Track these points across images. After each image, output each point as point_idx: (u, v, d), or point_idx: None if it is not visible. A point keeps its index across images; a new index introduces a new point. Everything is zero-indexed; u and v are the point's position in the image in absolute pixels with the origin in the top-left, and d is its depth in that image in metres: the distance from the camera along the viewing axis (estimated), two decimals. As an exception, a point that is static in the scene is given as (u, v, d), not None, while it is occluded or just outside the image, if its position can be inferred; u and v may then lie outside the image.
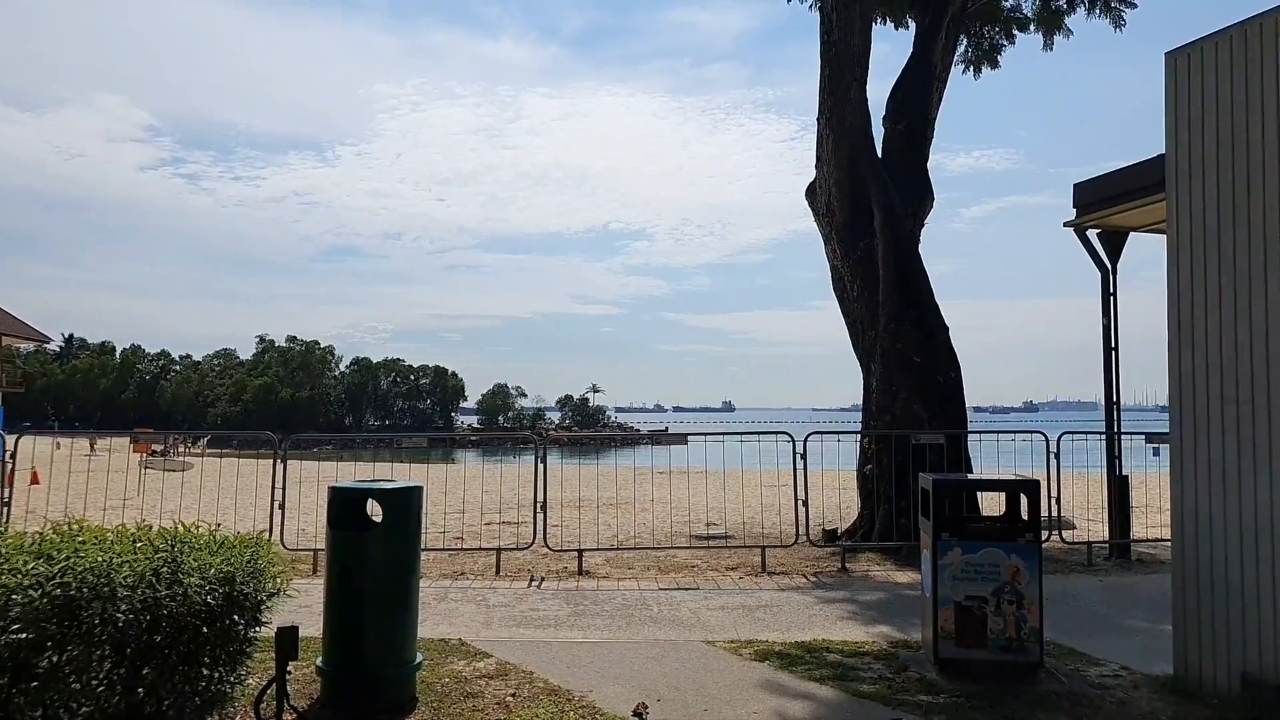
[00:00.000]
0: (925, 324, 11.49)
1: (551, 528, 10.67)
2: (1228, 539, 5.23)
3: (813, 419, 20.59)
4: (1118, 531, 10.46)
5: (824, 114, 11.89)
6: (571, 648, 6.45)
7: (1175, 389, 5.63)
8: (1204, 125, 5.41)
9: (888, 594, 8.48)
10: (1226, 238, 5.27)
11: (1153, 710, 5.17)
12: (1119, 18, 13.60)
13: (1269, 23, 5.01)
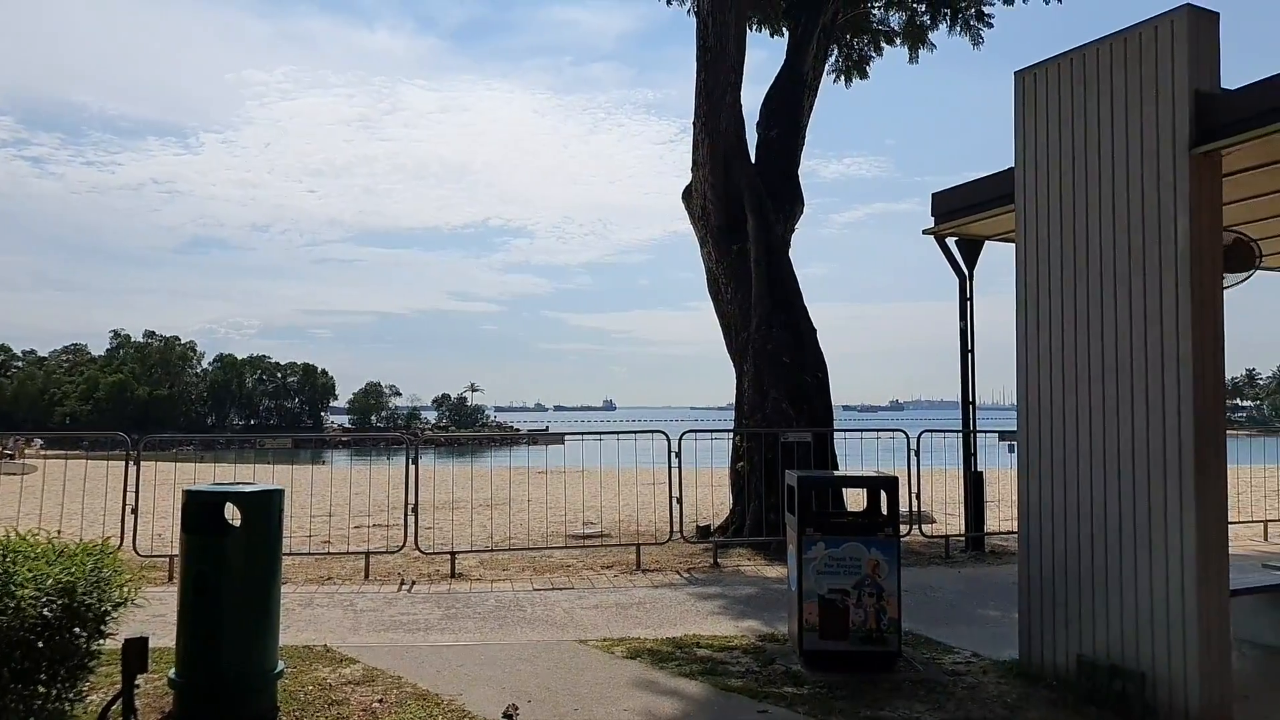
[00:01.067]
0: (795, 326, 11.82)
1: (424, 530, 10.48)
2: (1066, 531, 5.58)
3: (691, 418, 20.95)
4: (973, 525, 11.00)
5: (700, 118, 12.07)
6: (442, 651, 6.35)
7: (1022, 389, 5.96)
8: (1048, 140, 5.75)
9: (757, 588, 8.68)
10: (1068, 246, 5.61)
11: (999, 694, 5.47)
12: (978, 35, 14.33)
13: (1105, 48, 5.36)
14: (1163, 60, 5.02)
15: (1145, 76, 5.12)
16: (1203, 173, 4.95)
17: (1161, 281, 5.03)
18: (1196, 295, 4.91)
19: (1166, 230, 5.01)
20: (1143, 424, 5.13)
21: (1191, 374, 4.90)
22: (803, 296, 12.16)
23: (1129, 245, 5.22)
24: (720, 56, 11.85)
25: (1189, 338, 4.90)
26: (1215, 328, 5.01)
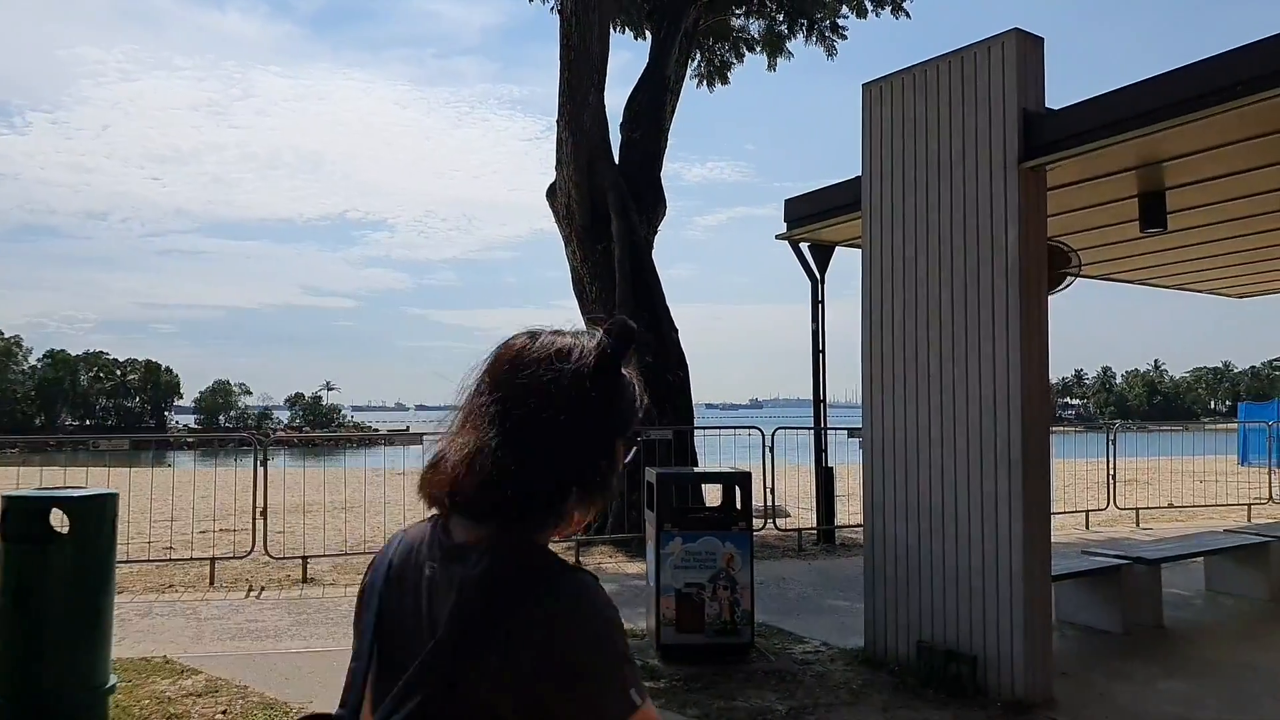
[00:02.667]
0: (658, 326, 11.98)
1: (275, 534, 10.08)
2: (908, 524, 5.88)
3: (554, 417, 21.12)
4: (824, 519, 11.42)
5: (563, 117, 12.07)
6: (292, 658, 6.14)
7: (866, 389, 6.25)
8: (891, 151, 6.04)
9: (619, 585, 8.76)
10: (909, 253, 5.91)
11: (846, 680, 5.71)
12: (832, 46, 14.88)
13: (943, 65, 5.68)
14: (994, 79, 5.35)
15: (979, 94, 5.45)
16: (1029, 186, 5.31)
17: (993, 288, 5.37)
18: (1024, 302, 5.25)
19: (998, 240, 5.35)
20: (976, 423, 5.46)
21: (1019, 377, 5.24)
22: (665, 297, 12.34)
23: (964, 253, 5.55)
24: (583, 56, 11.89)
25: (1017, 343, 5.25)
26: (1040, 332, 5.38)
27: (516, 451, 1.15)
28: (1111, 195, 6.53)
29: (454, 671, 1.07)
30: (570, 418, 1.17)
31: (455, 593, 1.13)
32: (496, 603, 1.09)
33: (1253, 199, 6.74)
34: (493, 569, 1.12)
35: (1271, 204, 6.94)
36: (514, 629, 1.07)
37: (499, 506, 1.15)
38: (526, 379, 1.19)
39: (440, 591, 1.15)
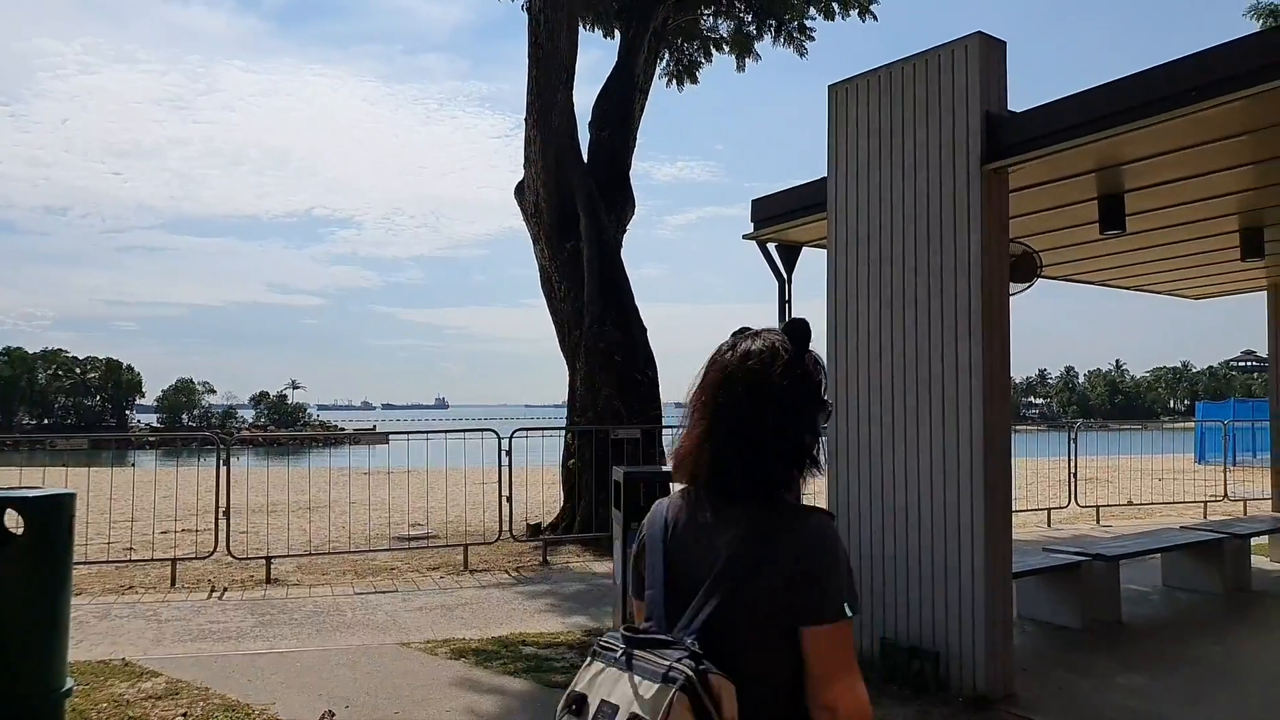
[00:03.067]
0: (627, 325, 11.99)
1: (238, 535, 9.99)
2: (872, 523, 5.93)
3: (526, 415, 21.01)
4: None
5: (532, 115, 12.05)
6: (255, 659, 6.08)
7: (833, 387, 6.29)
8: (857, 152, 6.09)
9: (586, 585, 8.76)
10: (873, 254, 5.96)
11: (811, 676, 5.74)
12: (801, 47, 14.97)
13: (908, 67, 5.73)
14: (958, 82, 5.41)
15: (943, 96, 5.51)
16: (992, 188, 5.37)
17: (956, 288, 5.43)
18: (985, 302, 5.32)
19: (960, 241, 5.41)
20: (939, 423, 5.52)
21: (981, 378, 5.31)
22: (634, 296, 12.36)
23: (927, 254, 5.60)
24: (552, 54, 11.87)
25: (979, 343, 5.31)
26: (1002, 334, 5.45)
27: (743, 448, 1.63)
28: (1072, 197, 6.62)
29: (740, 580, 1.57)
30: (776, 410, 1.64)
31: (734, 531, 1.60)
32: (766, 535, 1.59)
33: (1208, 202, 6.87)
34: (760, 514, 1.61)
35: (1226, 207, 7.08)
36: (778, 550, 1.58)
37: (738, 484, 1.64)
38: (738, 385, 1.66)
39: (719, 533, 1.62)
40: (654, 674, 1.49)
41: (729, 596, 1.56)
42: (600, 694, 1.55)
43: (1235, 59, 4.58)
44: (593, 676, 1.60)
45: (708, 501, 1.67)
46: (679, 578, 1.65)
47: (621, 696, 1.51)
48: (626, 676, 1.53)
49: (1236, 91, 4.47)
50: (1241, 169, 6.13)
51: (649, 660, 1.52)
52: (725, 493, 1.65)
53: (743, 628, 1.57)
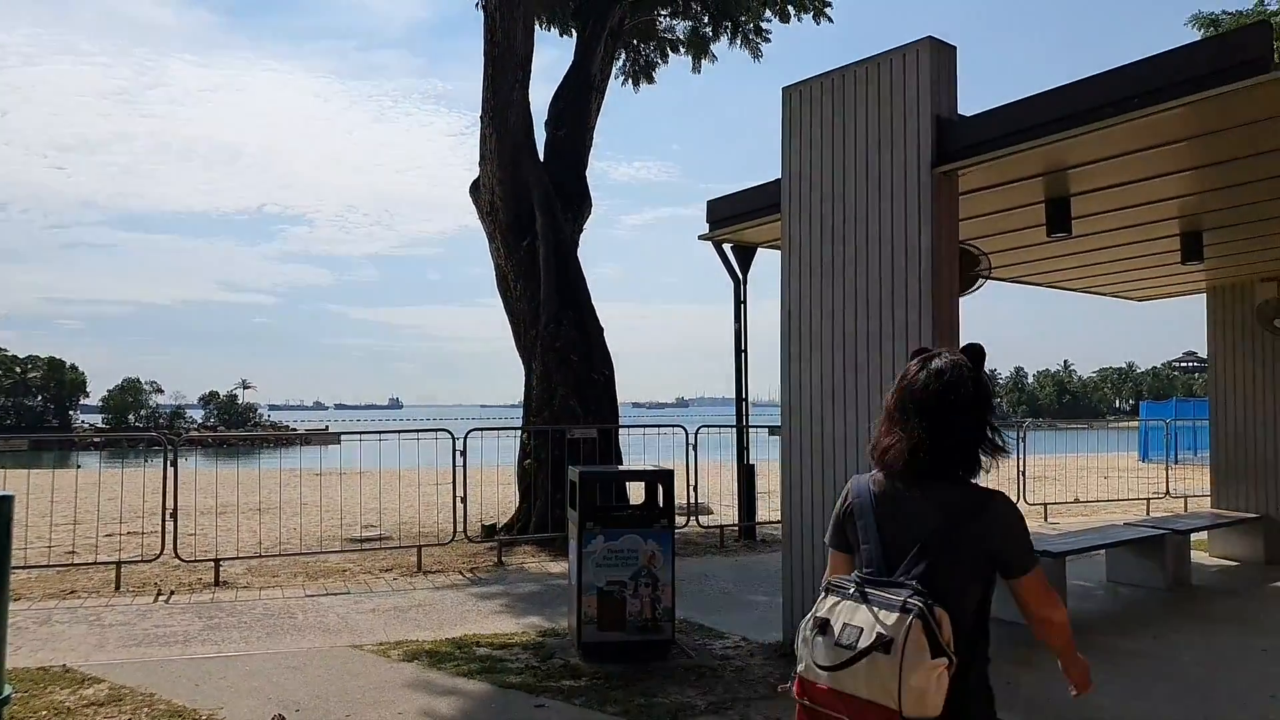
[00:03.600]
0: (583, 324, 11.97)
1: (186, 537, 9.82)
2: (824, 518, 5.98)
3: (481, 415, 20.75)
4: (746, 515, 11.57)
5: (488, 113, 11.98)
6: (202, 664, 5.97)
7: (785, 389, 6.35)
8: (810, 154, 6.15)
9: (541, 585, 8.73)
10: (826, 255, 6.03)
11: (764, 674, 5.79)
12: (757, 49, 15.07)
13: (861, 70, 5.80)
14: (909, 85, 5.49)
15: (894, 99, 5.58)
16: (942, 190, 5.46)
17: (907, 289, 5.50)
18: (935, 303, 5.40)
19: (911, 242, 5.48)
20: (890, 419, 5.58)
21: (931, 373, 5.38)
22: (590, 295, 12.34)
23: (879, 255, 5.68)
24: (508, 52, 11.81)
25: (930, 343, 5.39)
26: (952, 333, 5.53)
27: (941, 442, 2.21)
28: (1020, 200, 6.74)
29: (948, 542, 2.16)
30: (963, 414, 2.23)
31: (938, 506, 2.20)
32: (967, 511, 2.19)
33: (1150, 206, 7.04)
34: (955, 494, 2.21)
35: (1167, 212, 7.26)
36: (977, 523, 2.18)
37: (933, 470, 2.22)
38: (932, 396, 2.25)
39: (923, 506, 2.21)
40: (890, 605, 2.07)
41: (940, 554, 2.17)
42: (842, 619, 2.12)
43: (1176, 67, 4.71)
44: (831, 606, 2.18)
45: (908, 483, 2.26)
46: (890, 537, 2.25)
47: (864, 620, 2.08)
48: (864, 607, 2.11)
49: (1177, 98, 4.59)
50: (1181, 174, 6.28)
51: (881, 595, 2.10)
52: (923, 476, 2.23)
53: (950, 575, 2.16)
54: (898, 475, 2.27)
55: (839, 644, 2.09)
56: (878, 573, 2.21)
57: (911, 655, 2.01)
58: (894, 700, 2.01)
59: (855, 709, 2.07)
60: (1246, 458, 10.01)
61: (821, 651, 2.13)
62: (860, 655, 2.05)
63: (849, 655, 2.07)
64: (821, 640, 2.14)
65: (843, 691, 2.09)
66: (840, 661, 2.08)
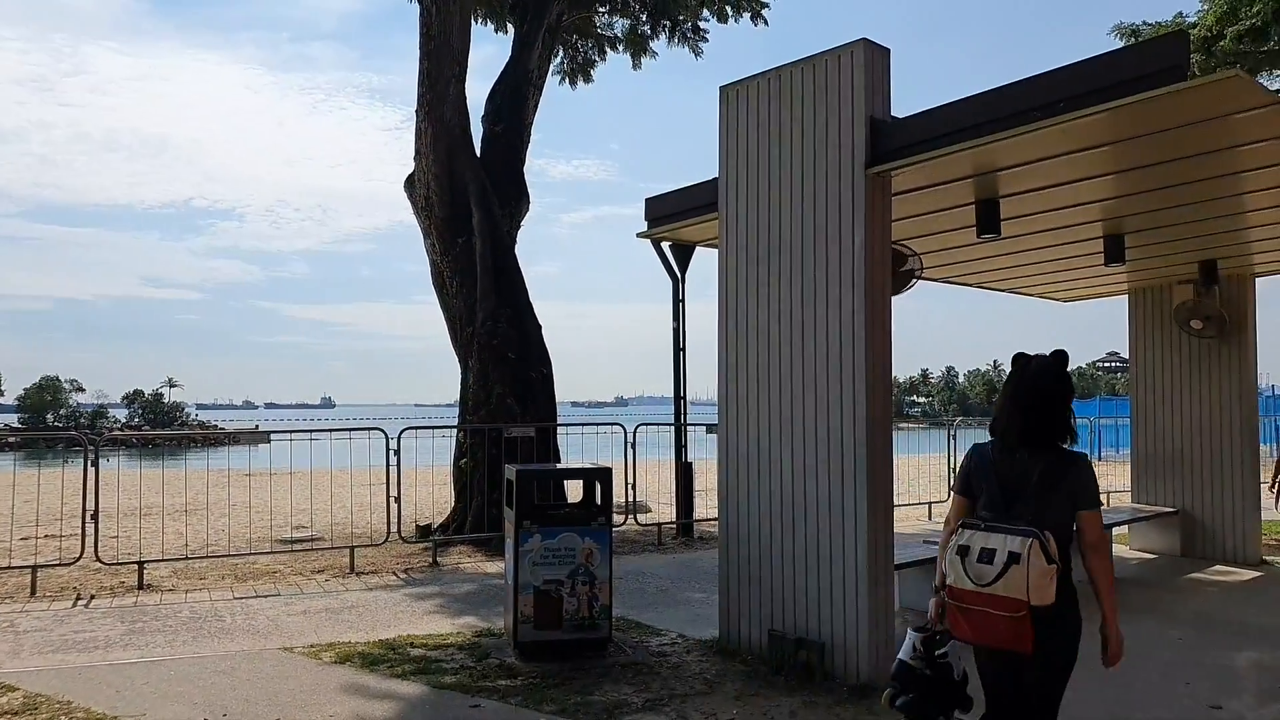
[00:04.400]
0: (521, 322, 11.89)
1: (108, 539, 9.52)
2: (759, 515, 6.04)
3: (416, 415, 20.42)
4: (683, 513, 11.62)
5: (423, 107, 11.83)
6: (124, 669, 5.78)
7: (722, 387, 6.38)
8: (748, 153, 6.19)
9: (477, 585, 8.65)
10: (762, 254, 6.07)
11: (700, 670, 5.82)
12: (696, 47, 15.14)
13: (797, 71, 5.85)
14: (844, 87, 5.56)
15: (829, 100, 5.65)
16: (875, 190, 5.54)
17: (840, 288, 5.57)
18: (868, 302, 5.48)
19: (845, 241, 5.55)
20: (824, 419, 5.66)
21: (864, 375, 5.46)
22: (528, 293, 12.26)
23: (814, 254, 5.74)
24: (444, 46, 11.68)
25: (862, 342, 5.47)
26: (884, 331, 5.62)
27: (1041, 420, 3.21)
28: (951, 201, 6.88)
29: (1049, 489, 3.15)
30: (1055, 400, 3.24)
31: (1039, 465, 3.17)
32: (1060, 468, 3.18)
33: (1075, 209, 7.24)
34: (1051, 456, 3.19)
35: (1091, 215, 7.47)
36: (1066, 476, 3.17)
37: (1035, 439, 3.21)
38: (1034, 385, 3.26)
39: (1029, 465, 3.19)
40: (1014, 533, 3.08)
41: (1042, 497, 3.18)
42: (978, 545, 3.14)
43: (1099, 73, 4.85)
44: (968, 536, 3.18)
45: (1018, 448, 3.27)
46: (1006, 486, 3.25)
47: (997, 544, 3.10)
48: (995, 535, 3.12)
49: (1100, 104, 4.73)
50: (1105, 178, 6.47)
51: (1006, 528, 3.12)
52: (1028, 444, 3.25)
53: (1050, 510, 3.17)
54: (1011, 443, 3.30)
55: (979, 561, 3.13)
56: (995, 512, 3.24)
57: (1034, 564, 3.04)
58: (1024, 594, 3.04)
59: (996, 603, 3.08)
60: (1164, 454, 10.37)
61: (967, 568, 3.15)
62: (1000, 567, 3.07)
63: (990, 568, 3.09)
64: (963, 561, 3.17)
65: (986, 593, 3.10)
66: (984, 573, 3.11)
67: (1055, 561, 3.08)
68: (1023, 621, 3.06)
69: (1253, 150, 5.77)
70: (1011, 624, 3.07)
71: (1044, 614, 3.08)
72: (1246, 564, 9.54)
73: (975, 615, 3.15)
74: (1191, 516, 10.10)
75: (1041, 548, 3.05)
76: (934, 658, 3.36)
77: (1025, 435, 3.25)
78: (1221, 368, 9.92)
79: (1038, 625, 3.07)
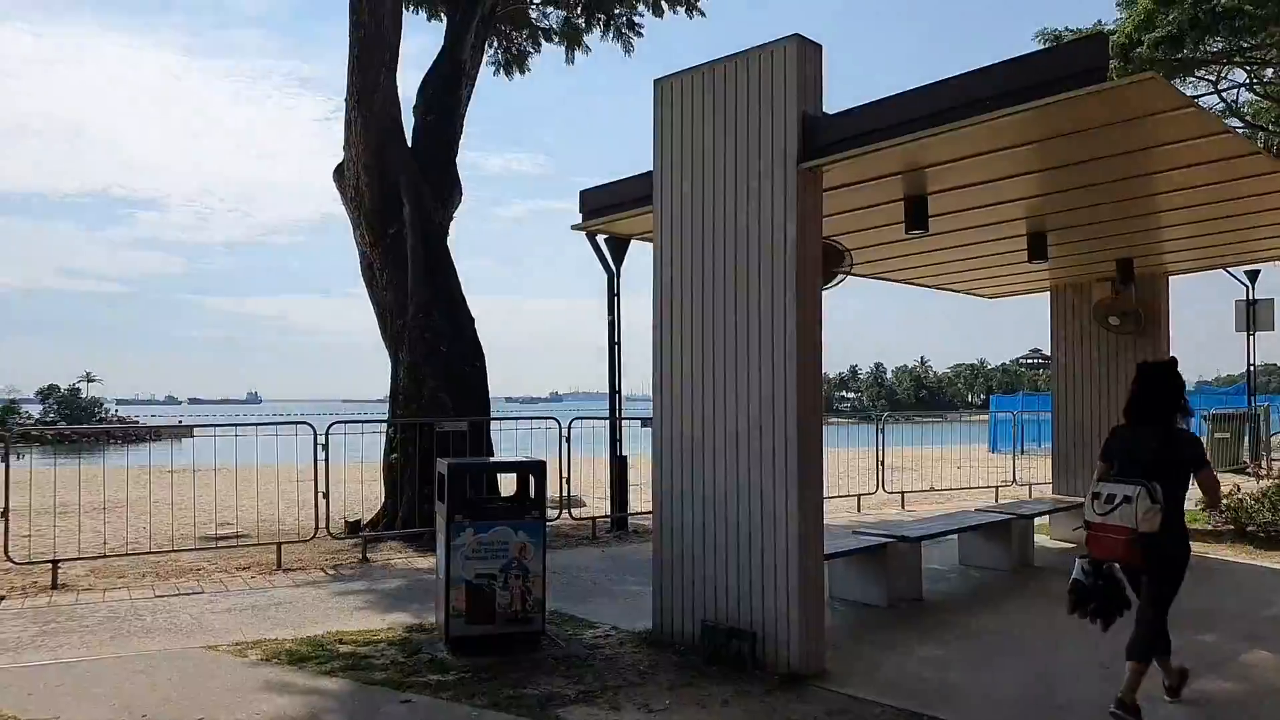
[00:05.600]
0: (453, 315, 11.75)
1: (19, 538, 9.16)
2: (693, 507, 6.08)
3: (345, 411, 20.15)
4: (618, 507, 11.63)
5: (353, 96, 11.60)
6: (36, 671, 5.57)
7: (657, 381, 6.40)
8: (681, 147, 6.21)
9: (408, 581, 8.54)
10: (697, 248, 6.10)
11: (634, 662, 5.83)
12: (628, 43, 15.13)
13: (730, 65, 5.89)
14: (776, 82, 5.61)
15: (762, 95, 5.69)
16: (807, 186, 5.60)
17: (772, 283, 5.63)
18: (800, 297, 5.54)
19: (777, 236, 5.61)
20: (755, 413, 5.71)
21: (795, 369, 5.52)
22: (461, 286, 12.13)
23: (746, 249, 5.78)
24: (375, 35, 11.47)
25: (794, 335, 5.53)
26: (815, 327, 5.69)
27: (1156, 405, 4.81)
28: (881, 198, 7.00)
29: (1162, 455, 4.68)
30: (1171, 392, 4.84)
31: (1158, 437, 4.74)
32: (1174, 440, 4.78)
33: (1000, 207, 7.43)
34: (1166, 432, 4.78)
35: (1015, 212, 7.67)
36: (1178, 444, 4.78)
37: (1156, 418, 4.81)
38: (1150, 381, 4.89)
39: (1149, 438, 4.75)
40: (1130, 484, 4.53)
41: (1157, 460, 4.60)
42: (1106, 490, 4.62)
43: (1022, 73, 4.97)
44: (1101, 486, 4.66)
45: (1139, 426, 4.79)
46: (1129, 452, 4.73)
47: (1117, 490, 4.55)
48: (1117, 485, 4.58)
49: (1023, 103, 4.85)
50: (1028, 176, 6.65)
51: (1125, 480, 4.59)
52: (1149, 423, 4.75)
53: (1160, 469, 4.56)
54: (1137, 421, 4.85)
55: (1104, 503, 4.61)
56: (1122, 470, 4.75)
57: (1141, 504, 4.45)
58: (1133, 524, 4.47)
59: (1114, 530, 4.54)
60: (1084, 447, 10.70)
61: (1096, 507, 4.65)
62: (1116, 505, 4.55)
63: (1109, 506, 4.57)
64: (1094, 502, 4.67)
65: (1107, 523, 4.57)
66: (1107, 509, 4.58)
67: (1159, 503, 4.48)
68: (1132, 543, 4.49)
69: (1167, 152, 5.98)
70: (1125, 544, 4.52)
71: (1150, 539, 4.50)
72: (1159, 552, 9.90)
73: (1101, 538, 4.63)
74: (1108, 506, 10.43)
75: (1148, 493, 4.47)
76: (1104, 573, 4.75)
77: (1144, 416, 4.83)
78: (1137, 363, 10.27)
79: (1146, 546, 4.50)
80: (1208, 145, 5.81)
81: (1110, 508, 4.54)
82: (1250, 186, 6.72)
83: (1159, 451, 4.64)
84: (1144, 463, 4.63)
